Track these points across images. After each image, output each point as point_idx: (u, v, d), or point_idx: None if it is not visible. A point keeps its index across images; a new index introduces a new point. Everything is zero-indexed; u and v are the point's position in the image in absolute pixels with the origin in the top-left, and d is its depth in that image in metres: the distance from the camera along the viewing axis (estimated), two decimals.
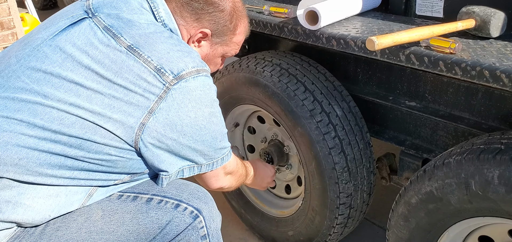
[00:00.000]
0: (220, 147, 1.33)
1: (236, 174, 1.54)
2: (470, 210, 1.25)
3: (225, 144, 1.36)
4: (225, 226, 2.35)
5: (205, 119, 1.24)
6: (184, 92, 1.18)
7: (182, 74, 1.17)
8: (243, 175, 1.61)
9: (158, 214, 1.25)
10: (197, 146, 1.26)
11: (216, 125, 1.29)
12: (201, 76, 1.22)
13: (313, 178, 1.74)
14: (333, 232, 1.81)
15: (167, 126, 1.18)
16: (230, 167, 1.46)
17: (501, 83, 1.12)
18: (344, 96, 1.75)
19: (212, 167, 1.34)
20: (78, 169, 1.17)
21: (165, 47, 1.20)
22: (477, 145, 1.24)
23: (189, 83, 1.19)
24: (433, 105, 1.63)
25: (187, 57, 1.21)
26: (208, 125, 1.26)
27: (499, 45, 1.26)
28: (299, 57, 1.86)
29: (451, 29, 1.30)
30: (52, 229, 1.18)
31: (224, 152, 1.36)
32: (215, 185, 1.43)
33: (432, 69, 1.25)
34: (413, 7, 1.56)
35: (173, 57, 1.19)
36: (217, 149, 1.32)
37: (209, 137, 1.27)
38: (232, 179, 1.51)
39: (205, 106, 1.24)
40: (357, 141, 1.70)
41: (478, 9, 1.30)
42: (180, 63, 1.18)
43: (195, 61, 1.22)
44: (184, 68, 1.18)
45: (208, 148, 1.29)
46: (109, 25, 1.20)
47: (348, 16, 1.60)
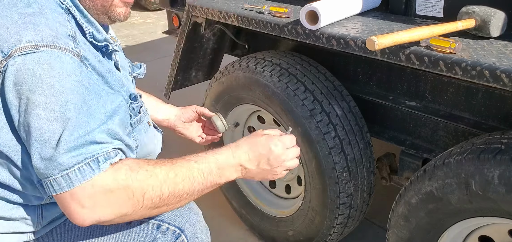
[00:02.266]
0: (52, 157, 0.93)
1: (121, 191, 0.97)
2: (470, 210, 1.25)
3: (65, 157, 0.93)
4: (225, 226, 2.35)
5: (34, 109, 0.93)
6: (10, 74, 0.93)
7: (11, 52, 0.93)
8: (154, 184, 1.00)
9: (140, 236, 1.18)
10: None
11: (43, 121, 0.93)
12: (37, 53, 0.93)
13: (313, 178, 1.74)
14: (333, 232, 1.81)
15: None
16: (97, 190, 0.95)
17: (501, 83, 1.12)
18: (344, 96, 1.74)
19: (51, 188, 0.95)
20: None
21: (7, 21, 0.97)
22: (477, 145, 1.24)
23: (16, 62, 0.93)
24: (433, 105, 1.63)
25: (26, 30, 0.95)
26: (35, 120, 0.93)
27: (499, 45, 1.26)
28: (299, 57, 1.86)
29: (451, 29, 1.30)
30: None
31: (65, 166, 0.93)
32: (74, 218, 0.96)
33: (432, 69, 1.24)
34: (413, 7, 1.56)
35: (9, 32, 0.95)
36: (47, 160, 0.94)
37: (37, 134, 0.93)
38: (114, 200, 0.96)
39: (36, 93, 0.92)
40: (357, 141, 1.70)
41: (478, 9, 1.30)
42: (13, 38, 0.94)
43: (38, 35, 0.94)
44: (16, 43, 0.93)
45: (34, 152, 0.95)
46: None
47: (348, 16, 1.60)
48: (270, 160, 1.17)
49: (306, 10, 1.49)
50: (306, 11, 1.50)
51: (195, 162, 1.07)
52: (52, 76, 0.93)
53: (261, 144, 1.17)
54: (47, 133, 0.93)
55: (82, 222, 0.95)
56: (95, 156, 0.95)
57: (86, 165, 0.94)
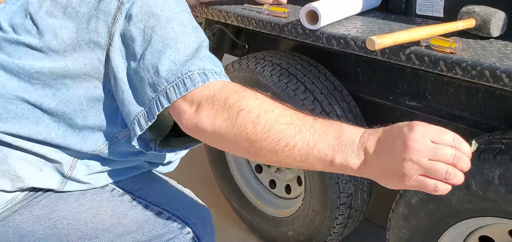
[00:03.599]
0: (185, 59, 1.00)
1: (224, 108, 0.92)
2: (470, 210, 1.24)
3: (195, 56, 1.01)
4: (225, 226, 2.35)
5: (168, 24, 1.03)
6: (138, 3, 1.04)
7: None
8: (263, 120, 0.87)
9: (164, 230, 1.20)
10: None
11: (182, 35, 1.03)
12: None
13: (313, 178, 1.74)
14: (333, 232, 1.80)
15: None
16: (204, 93, 0.96)
17: (502, 83, 1.12)
18: (344, 96, 1.74)
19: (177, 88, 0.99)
20: (46, 112, 1.08)
21: None
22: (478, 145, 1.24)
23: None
24: (434, 105, 1.63)
25: None
26: (170, 32, 1.03)
27: (500, 45, 1.26)
28: (299, 57, 1.85)
29: (451, 29, 1.30)
30: (58, 216, 1.16)
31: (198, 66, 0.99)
32: (189, 120, 0.98)
33: (432, 69, 1.24)
34: (413, 6, 1.56)
35: None
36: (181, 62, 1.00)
37: (173, 43, 1.01)
38: (215, 112, 0.93)
39: (168, 12, 1.04)
40: None
41: (478, 8, 1.30)
42: None
43: None
44: None
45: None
46: None
47: (348, 15, 1.60)
48: (409, 150, 0.78)
49: (306, 10, 1.49)
50: (306, 11, 1.49)
51: (313, 118, 0.88)
52: (177, 3, 1.05)
53: (403, 128, 0.82)
54: (183, 43, 1.00)
55: (185, 125, 0.98)
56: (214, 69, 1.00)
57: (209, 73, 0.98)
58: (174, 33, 1.01)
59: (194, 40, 1.02)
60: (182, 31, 1.02)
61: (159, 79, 0.98)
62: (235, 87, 0.95)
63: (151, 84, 0.98)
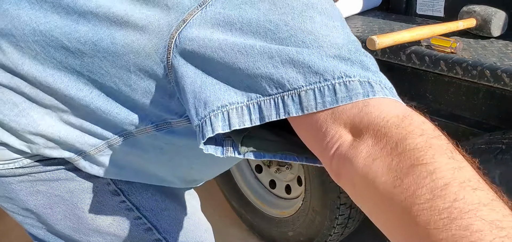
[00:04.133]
0: (353, 50, 0.66)
1: (393, 145, 0.53)
2: None
3: (357, 55, 0.65)
4: (225, 226, 2.35)
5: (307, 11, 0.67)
6: None
7: None
8: (439, 169, 0.49)
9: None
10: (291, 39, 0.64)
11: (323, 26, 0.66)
12: None
13: (313, 178, 1.73)
14: (333, 233, 1.80)
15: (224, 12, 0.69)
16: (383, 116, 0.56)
17: (502, 83, 1.11)
18: None
19: (317, 102, 0.60)
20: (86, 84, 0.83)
21: None
22: (478, 145, 1.24)
23: None
24: (434, 105, 1.63)
25: None
26: (309, 23, 0.66)
27: (500, 44, 1.26)
28: None
29: (452, 29, 1.29)
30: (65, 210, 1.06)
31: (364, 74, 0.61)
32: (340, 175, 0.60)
33: (433, 68, 1.24)
34: (413, 6, 1.55)
35: None
36: (331, 57, 0.63)
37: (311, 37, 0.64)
38: (373, 153, 0.54)
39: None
40: None
41: (479, 8, 1.30)
42: None
43: None
44: None
45: (318, 47, 0.63)
46: None
47: (349, 15, 1.60)
48: None
49: None
50: None
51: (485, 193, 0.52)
52: None
53: None
54: (337, 18, 0.70)
55: (328, 164, 0.62)
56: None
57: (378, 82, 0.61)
58: (314, 25, 0.66)
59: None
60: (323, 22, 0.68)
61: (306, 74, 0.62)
62: (423, 124, 0.56)
63: (276, 78, 0.63)
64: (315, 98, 0.61)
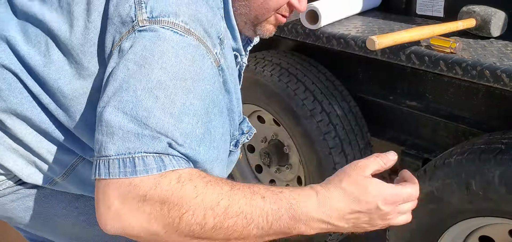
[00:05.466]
0: (148, 135, 0.75)
1: (156, 204, 0.74)
2: (470, 210, 1.24)
3: (155, 140, 0.75)
4: None
5: (154, 91, 0.77)
6: (147, 38, 0.81)
7: (161, 20, 0.81)
8: (197, 207, 0.74)
9: None
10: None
11: (160, 110, 0.77)
12: (185, 36, 0.81)
13: (313, 178, 1.74)
14: (333, 232, 1.80)
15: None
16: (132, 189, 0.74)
17: (502, 83, 1.12)
18: (344, 96, 1.74)
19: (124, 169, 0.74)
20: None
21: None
22: (478, 145, 1.24)
23: (161, 33, 0.81)
24: (434, 105, 1.63)
25: (188, 9, 0.84)
26: (149, 101, 0.77)
27: (500, 44, 1.26)
28: (299, 57, 1.85)
29: (451, 29, 1.30)
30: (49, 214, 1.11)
31: (155, 146, 0.75)
32: (99, 218, 0.76)
33: (432, 69, 1.24)
34: (413, 6, 1.55)
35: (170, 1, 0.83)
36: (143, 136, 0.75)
37: (144, 114, 0.76)
38: (141, 212, 0.74)
39: (160, 69, 0.78)
40: (357, 141, 1.70)
41: (478, 8, 1.30)
42: (171, 7, 0.83)
43: (195, 21, 0.83)
44: (172, 16, 0.82)
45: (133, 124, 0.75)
46: None
47: (349, 15, 1.60)
48: (373, 218, 0.87)
49: (306, 9, 1.49)
50: (306, 11, 1.49)
51: (262, 197, 0.78)
52: (190, 72, 0.80)
53: (365, 200, 0.83)
54: (154, 119, 0.76)
55: (103, 225, 0.75)
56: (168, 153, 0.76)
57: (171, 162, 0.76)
58: (152, 104, 0.78)
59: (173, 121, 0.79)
60: (163, 106, 0.78)
61: None
62: (170, 181, 0.75)
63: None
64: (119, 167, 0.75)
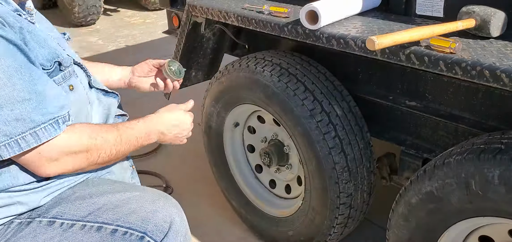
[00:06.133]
0: (16, 118, 1.06)
1: (83, 154, 1.19)
2: (470, 210, 1.25)
3: (28, 114, 1.07)
4: (225, 226, 2.35)
5: None
6: None
7: None
8: (115, 144, 1.26)
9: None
10: None
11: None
12: None
13: (313, 178, 1.74)
14: (333, 232, 1.80)
15: None
16: (58, 147, 1.14)
17: (501, 83, 1.12)
18: (344, 96, 1.74)
19: (18, 147, 1.08)
20: None
21: None
22: (478, 145, 1.24)
23: None
24: (434, 105, 1.63)
25: None
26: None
27: (499, 45, 1.26)
28: (299, 57, 1.86)
29: (451, 29, 1.30)
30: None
31: (31, 125, 1.08)
32: (43, 173, 1.16)
33: (432, 69, 1.24)
34: (413, 6, 1.56)
35: None
36: (10, 121, 1.06)
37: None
38: (77, 161, 1.19)
39: None
40: (357, 141, 1.70)
41: (478, 8, 1.30)
42: None
43: None
44: None
45: None
46: None
47: (348, 15, 1.60)
48: (180, 130, 1.44)
49: (306, 10, 1.49)
50: (306, 11, 1.50)
51: (131, 129, 1.31)
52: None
53: (176, 117, 1.43)
54: (2, 98, 1.04)
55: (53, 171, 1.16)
56: (44, 123, 1.10)
57: (46, 128, 1.10)
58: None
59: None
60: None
61: None
62: (87, 136, 1.21)
63: None
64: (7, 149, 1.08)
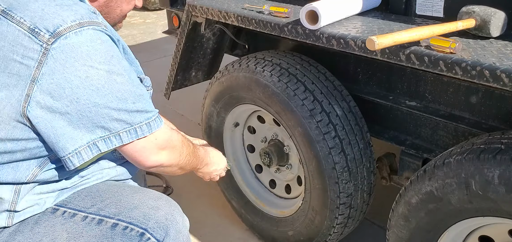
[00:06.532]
0: (136, 109, 1.16)
1: (175, 150, 1.31)
2: (470, 210, 1.25)
3: (144, 107, 1.18)
4: (225, 226, 2.35)
5: (101, 78, 1.10)
6: (66, 50, 1.06)
7: (59, 31, 1.06)
8: (190, 154, 1.40)
9: (123, 241, 1.20)
10: (100, 111, 1.11)
11: (120, 84, 1.13)
12: (86, 29, 1.09)
13: (313, 178, 1.74)
14: (333, 232, 1.80)
15: (54, 91, 1.07)
16: (162, 138, 1.25)
17: (501, 83, 1.12)
18: (344, 96, 1.74)
19: (135, 134, 1.16)
20: None
21: (40, 4, 1.10)
22: (477, 145, 1.24)
23: (71, 39, 1.06)
24: (433, 105, 1.63)
25: (65, 11, 1.09)
26: (108, 84, 1.11)
27: (499, 45, 1.26)
28: (299, 57, 1.86)
29: (451, 29, 1.30)
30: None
31: (147, 116, 1.18)
32: (147, 161, 1.23)
33: (432, 69, 1.24)
34: (413, 6, 1.56)
35: (48, 14, 1.08)
36: (132, 112, 1.15)
37: (114, 97, 1.12)
38: (171, 155, 1.29)
39: (99, 63, 1.09)
40: (357, 141, 1.70)
41: (478, 8, 1.30)
42: (56, 18, 1.07)
43: (77, 14, 1.09)
44: (61, 23, 1.07)
45: (118, 111, 1.13)
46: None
47: (348, 15, 1.60)
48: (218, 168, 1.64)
49: (306, 10, 1.49)
50: (306, 11, 1.50)
51: (198, 149, 1.49)
52: (107, 50, 1.12)
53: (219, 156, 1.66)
54: (127, 91, 1.14)
55: (156, 162, 1.24)
56: (154, 114, 1.21)
57: (157, 119, 1.22)
58: (117, 85, 1.15)
59: (131, 85, 1.19)
60: (123, 80, 1.17)
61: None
62: (175, 135, 1.35)
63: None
64: (128, 133, 1.17)
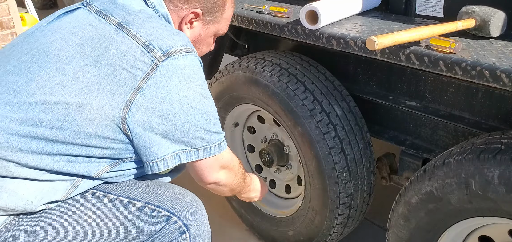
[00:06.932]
0: (215, 131, 1.30)
1: (232, 172, 1.46)
2: (470, 210, 1.25)
3: (219, 129, 1.32)
4: (225, 226, 2.35)
5: (196, 99, 1.22)
6: (173, 69, 1.17)
7: (171, 51, 1.17)
8: (241, 178, 1.54)
9: (149, 224, 1.23)
10: (190, 128, 1.23)
11: (208, 107, 1.27)
12: (190, 55, 1.21)
13: (313, 178, 1.74)
14: (333, 232, 1.81)
15: (156, 103, 1.17)
16: (226, 158, 1.39)
17: (501, 83, 1.12)
18: (344, 96, 1.74)
19: (209, 152, 1.29)
20: (58, 154, 1.16)
21: (155, 26, 1.22)
22: (477, 145, 1.24)
23: (178, 60, 1.18)
24: (433, 105, 1.63)
25: (176, 36, 1.21)
26: (200, 106, 1.23)
27: (499, 45, 1.26)
28: (299, 57, 1.86)
29: (451, 29, 1.30)
30: (43, 226, 1.18)
31: (220, 138, 1.32)
32: (209, 177, 1.36)
33: (432, 69, 1.24)
34: (413, 6, 1.56)
35: (162, 35, 1.20)
36: (212, 132, 1.28)
37: (202, 118, 1.24)
38: (228, 176, 1.43)
39: (196, 86, 1.22)
40: (357, 141, 1.70)
41: (478, 8, 1.30)
42: (169, 40, 1.19)
43: (184, 40, 1.22)
44: (173, 45, 1.18)
45: (203, 130, 1.25)
46: (101, 9, 1.24)
47: (348, 15, 1.60)
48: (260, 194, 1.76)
49: (306, 10, 1.49)
50: (306, 11, 1.50)
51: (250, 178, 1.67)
52: (201, 75, 1.26)
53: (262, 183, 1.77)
54: (211, 114, 1.28)
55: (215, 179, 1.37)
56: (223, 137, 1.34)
57: (224, 141, 1.34)
58: (205, 107, 1.28)
59: (213, 109, 1.34)
60: (210, 104, 1.31)
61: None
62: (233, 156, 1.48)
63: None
64: (205, 151, 1.29)
